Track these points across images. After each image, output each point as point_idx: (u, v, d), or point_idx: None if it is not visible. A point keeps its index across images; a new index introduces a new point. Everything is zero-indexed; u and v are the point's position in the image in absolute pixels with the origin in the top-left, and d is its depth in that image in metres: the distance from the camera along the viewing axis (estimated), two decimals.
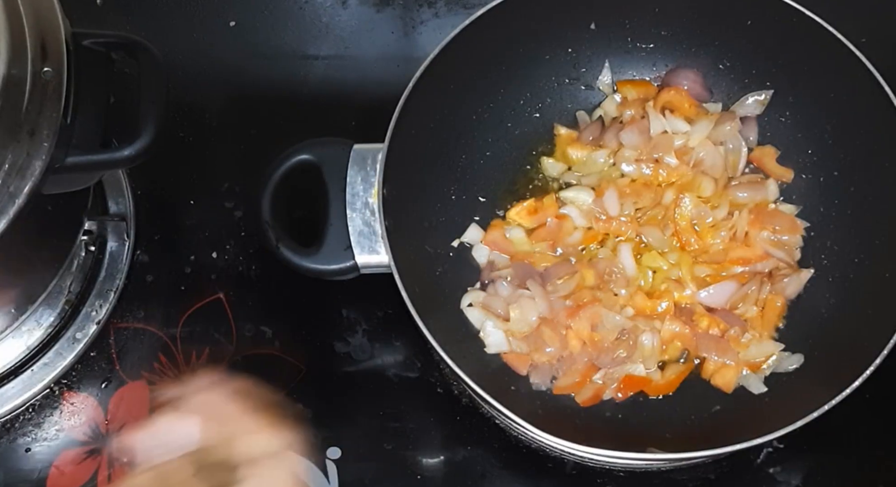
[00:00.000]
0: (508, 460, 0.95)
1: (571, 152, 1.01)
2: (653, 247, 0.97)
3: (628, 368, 0.93)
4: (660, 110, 1.00)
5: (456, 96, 0.96)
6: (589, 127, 1.01)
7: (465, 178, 0.99)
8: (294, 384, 0.96)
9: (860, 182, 0.94)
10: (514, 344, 0.94)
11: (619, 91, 1.03)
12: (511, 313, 0.93)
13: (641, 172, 0.99)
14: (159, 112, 0.82)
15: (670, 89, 1.01)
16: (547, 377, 0.93)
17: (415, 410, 0.96)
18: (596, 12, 0.99)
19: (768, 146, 1.00)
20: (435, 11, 1.12)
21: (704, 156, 0.98)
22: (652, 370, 0.93)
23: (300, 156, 0.90)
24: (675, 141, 0.98)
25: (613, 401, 0.93)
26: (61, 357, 0.96)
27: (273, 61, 1.10)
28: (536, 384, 0.93)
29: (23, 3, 0.75)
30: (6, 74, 0.72)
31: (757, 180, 0.99)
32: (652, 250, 0.97)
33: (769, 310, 0.95)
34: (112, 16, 1.10)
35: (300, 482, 0.67)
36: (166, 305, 0.99)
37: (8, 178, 0.72)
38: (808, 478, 0.94)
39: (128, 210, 1.02)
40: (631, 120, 1.01)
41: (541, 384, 0.93)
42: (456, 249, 0.98)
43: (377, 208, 0.87)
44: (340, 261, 0.88)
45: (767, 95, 0.99)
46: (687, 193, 0.97)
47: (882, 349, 0.81)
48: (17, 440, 0.95)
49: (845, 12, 0.94)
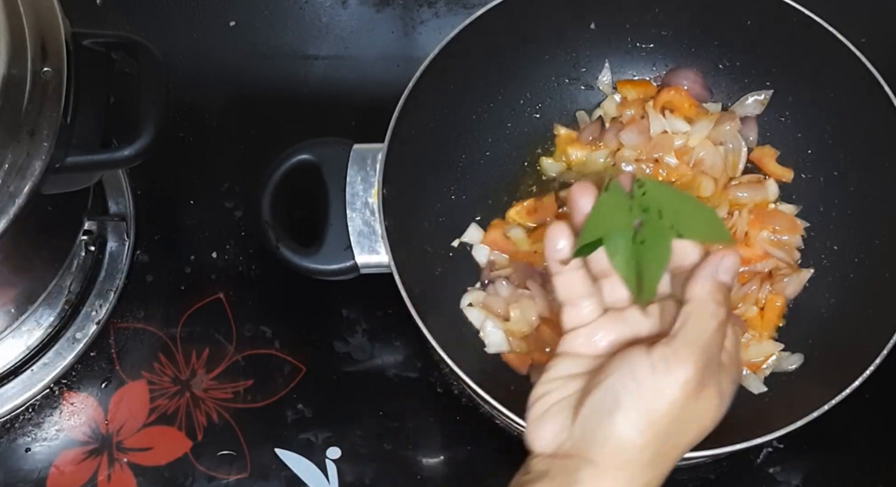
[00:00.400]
0: (509, 460, 0.94)
1: (571, 152, 1.01)
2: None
3: None
4: (660, 110, 1.00)
5: (456, 96, 0.96)
6: (589, 127, 1.01)
7: (465, 178, 0.99)
8: (294, 384, 0.97)
9: (860, 182, 0.94)
10: (514, 344, 0.94)
11: (618, 91, 1.03)
12: (511, 312, 0.93)
13: (641, 171, 0.99)
14: (159, 112, 0.82)
15: (670, 89, 1.01)
16: None
17: (415, 410, 0.96)
18: (596, 12, 0.99)
19: (768, 146, 1.00)
20: (435, 11, 1.12)
21: (704, 156, 0.98)
22: None
23: (300, 156, 0.90)
24: (674, 141, 0.98)
25: None
26: (61, 357, 0.96)
27: (273, 61, 1.10)
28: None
29: (23, 3, 0.75)
30: (6, 74, 0.72)
31: (757, 180, 0.99)
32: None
33: (769, 310, 0.95)
34: (112, 16, 1.10)
35: None
36: (166, 305, 0.99)
37: (8, 178, 0.72)
38: (808, 478, 0.94)
39: (128, 210, 1.02)
40: (631, 120, 1.00)
41: None
42: (456, 249, 0.98)
43: (377, 207, 0.87)
44: (340, 261, 0.88)
45: (767, 94, 0.99)
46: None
47: (882, 349, 0.81)
48: (16, 440, 0.95)
49: (845, 12, 0.94)
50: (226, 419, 0.95)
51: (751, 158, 1.00)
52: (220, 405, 0.96)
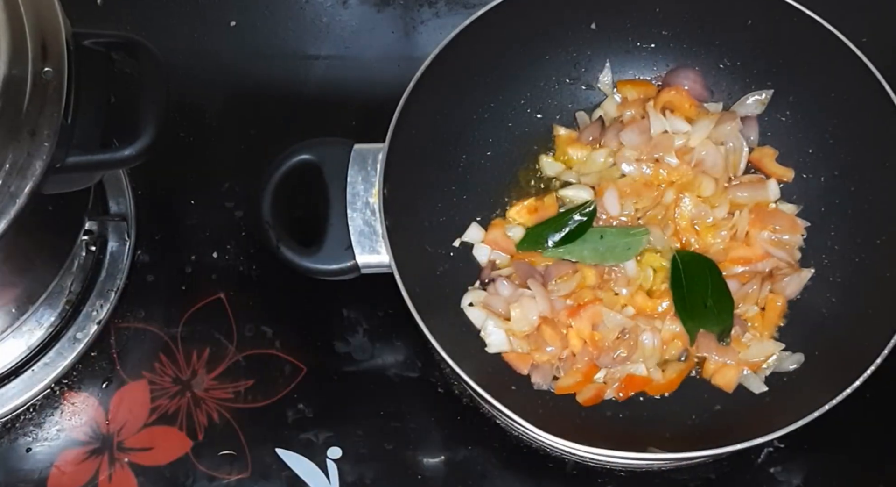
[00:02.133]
0: (509, 460, 0.95)
1: (572, 153, 1.01)
2: (653, 247, 0.97)
3: (629, 368, 0.93)
4: (660, 110, 1.00)
5: (456, 96, 0.96)
6: (589, 127, 1.01)
7: (466, 177, 0.99)
8: (295, 384, 0.97)
9: (861, 182, 0.94)
10: (515, 343, 0.94)
11: (619, 91, 1.03)
12: (512, 312, 0.93)
13: (642, 171, 0.99)
14: (160, 112, 0.82)
15: (671, 89, 1.01)
16: (548, 377, 0.93)
17: (415, 410, 0.96)
18: (596, 12, 0.99)
19: (767, 147, 1.00)
20: (435, 11, 1.12)
21: (705, 156, 0.98)
22: (653, 369, 0.93)
23: (300, 156, 0.90)
24: (675, 141, 0.98)
25: (614, 401, 0.93)
26: (62, 357, 0.96)
27: (273, 61, 1.10)
28: (538, 383, 0.93)
29: (23, 4, 0.75)
30: (7, 74, 0.72)
31: (757, 180, 0.99)
32: (652, 250, 0.97)
33: (770, 310, 0.95)
34: (112, 16, 1.10)
35: None
36: (167, 305, 1.00)
37: (9, 178, 0.73)
38: (808, 478, 0.94)
39: (128, 210, 1.02)
40: (631, 120, 1.00)
41: (542, 384, 0.93)
42: (457, 248, 0.98)
43: (378, 207, 0.87)
44: (341, 261, 0.88)
45: (768, 94, 0.99)
46: (687, 192, 0.97)
47: (882, 350, 0.81)
48: (17, 440, 0.95)
49: (845, 12, 0.94)
50: (226, 419, 0.95)
51: (751, 159, 1.00)
52: (220, 404, 0.96)
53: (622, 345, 0.93)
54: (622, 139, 0.99)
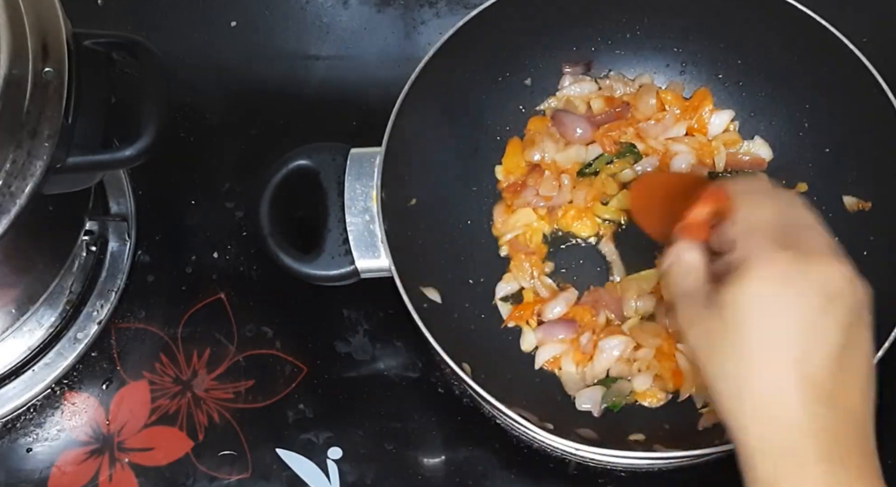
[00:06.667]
0: (510, 460, 0.95)
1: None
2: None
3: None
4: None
5: (454, 97, 0.96)
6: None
7: (466, 177, 0.99)
8: (295, 384, 0.97)
9: (861, 182, 0.94)
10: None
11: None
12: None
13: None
14: (160, 112, 0.82)
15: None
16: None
17: (416, 410, 0.96)
18: (596, 12, 0.99)
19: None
20: (436, 11, 1.12)
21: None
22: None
23: (296, 162, 0.89)
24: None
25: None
26: (62, 357, 0.96)
27: (274, 61, 1.11)
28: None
29: (24, 4, 0.75)
30: (7, 75, 0.72)
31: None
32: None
33: None
34: (113, 16, 1.10)
35: None
36: (167, 305, 1.00)
37: (9, 178, 0.72)
38: None
39: (129, 210, 1.02)
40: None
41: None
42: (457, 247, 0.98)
43: (376, 211, 0.87)
44: (340, 266, 0.88)
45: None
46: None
47: (879, 350, 0.81)
48: (18, 440, 0.95)
49: (846, 12, 0.94)
50: (227, 420, 0.95)
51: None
52: (221, 405, 0.96)
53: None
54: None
